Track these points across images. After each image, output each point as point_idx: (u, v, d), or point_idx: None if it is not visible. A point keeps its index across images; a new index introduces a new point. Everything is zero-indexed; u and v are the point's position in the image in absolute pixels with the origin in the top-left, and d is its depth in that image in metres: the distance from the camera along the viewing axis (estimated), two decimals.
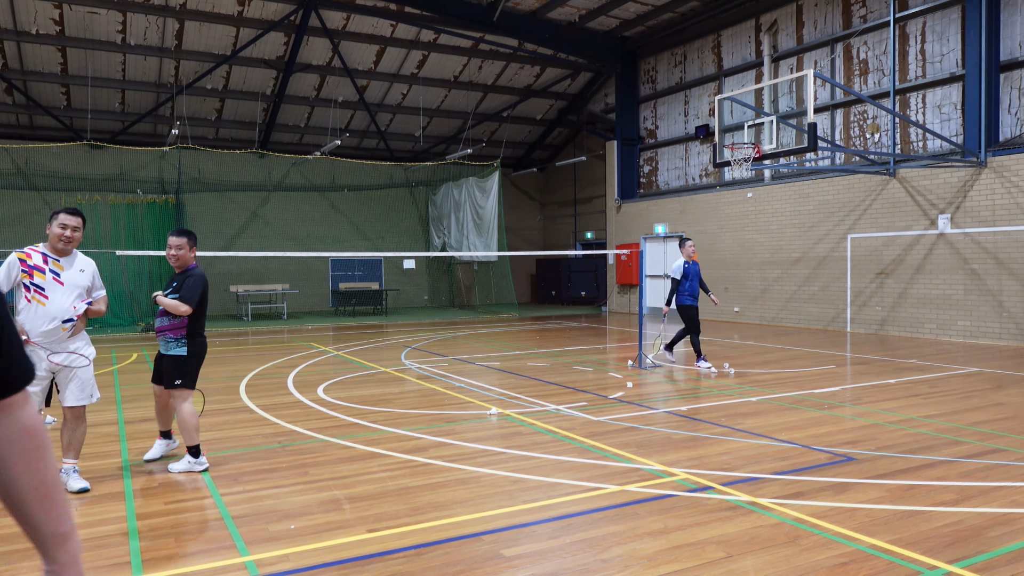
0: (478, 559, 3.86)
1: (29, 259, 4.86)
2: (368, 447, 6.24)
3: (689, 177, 21.06)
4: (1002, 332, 13.42)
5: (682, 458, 5.77)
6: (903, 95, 15.42)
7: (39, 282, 4.84)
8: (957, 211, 14.09)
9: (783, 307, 17.75)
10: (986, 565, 3.68)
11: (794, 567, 3.70)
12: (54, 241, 4.95)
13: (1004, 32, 13.73)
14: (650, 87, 22.28)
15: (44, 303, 4.80)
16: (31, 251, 4.91)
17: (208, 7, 18.07)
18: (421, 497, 4.87)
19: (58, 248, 4.94)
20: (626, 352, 12.73)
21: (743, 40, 19.04)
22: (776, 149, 12.66)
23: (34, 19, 17.44)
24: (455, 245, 24.57)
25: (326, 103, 22.65)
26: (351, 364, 11.59)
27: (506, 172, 27.95)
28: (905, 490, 4.91)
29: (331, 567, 3.77)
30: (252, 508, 4.71)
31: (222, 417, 7.54)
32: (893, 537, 4.06)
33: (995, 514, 4.41)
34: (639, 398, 8.45)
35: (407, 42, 20.74)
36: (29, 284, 4.81)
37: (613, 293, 23.64)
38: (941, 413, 7.41)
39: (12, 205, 19.67)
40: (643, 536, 4.14)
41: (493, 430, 6.90)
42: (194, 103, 21.39)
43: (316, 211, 24.47)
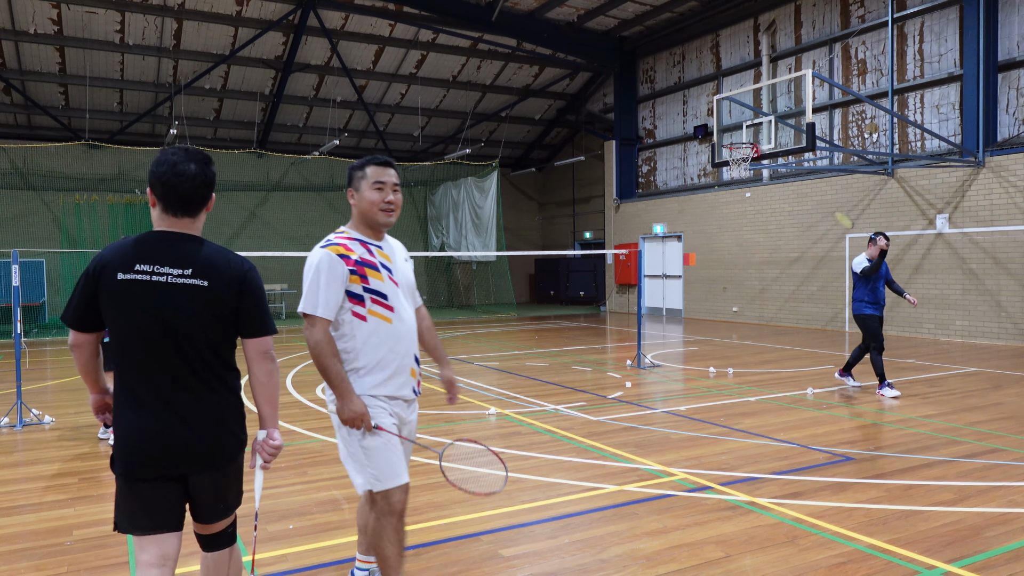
0: (477, 559, 3.86)
1: (351, 252, 3.00)
2: None
3: (688, 177, 21.07)
4: (1000, 332, 13.43)
5: (681, 458, 5.78)
6: (901, 95, 15.43)
7: (377, 285, 3.02)
8: (955, 211, 14.11)
9: (781, 307, 17.76)
10: (984, 565, 3.68)
11: (793, 567, 3.70)
12: (370, 214, 3.08)
13: (1002, 32, 13.74)
14: (648, 87, 22.29)
15: (390, 320, 3.01)
16: (345, 240, 3.05)
17: (206, 7, 18.05)
18: (419, 497, 4.87)
19: (379, 223, 3.11)
20: (625, 352, 12.73)
21: (741, 40, 19.05)
22: (774, 149, 12.67)
23: (32, 19, 17.42)
24: (454, 245, 24.57)
25: (324, 103, 22.63)
26: None
27: (504, 172, 27.94)
28: (903, 490, 4.91)
29: (330, 567, 3.77)
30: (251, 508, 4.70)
31: None
32: (891, 537, 4.06)
33: (993, 514, 4.42)
34: (638, 398, 8.46)
35: (406, 42, 20.73)
36: (362, 292, 2.98)
37: (612, 293, 23.64)
38: (939, 413, 7.42)
39: (10, 205, 19.65)
40: (642, 536, 4.14)
41: (492, 430, 6.90)
42: (192, 103, 21.37)
43: (315, 211, 24.44)
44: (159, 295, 2.45)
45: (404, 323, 3.09)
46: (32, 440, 6.74)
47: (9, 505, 4.85)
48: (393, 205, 3.10)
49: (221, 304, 2.52)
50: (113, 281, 2.45)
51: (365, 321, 3.00)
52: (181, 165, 2.50)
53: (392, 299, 3.04)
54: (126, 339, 2.47)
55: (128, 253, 2.48)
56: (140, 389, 2.48)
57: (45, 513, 4.68)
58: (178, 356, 2.49)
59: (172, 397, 2.48)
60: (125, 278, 2.45)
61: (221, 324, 2.55)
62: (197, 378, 2.52)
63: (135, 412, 2.47)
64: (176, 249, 2.50)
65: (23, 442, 6.68)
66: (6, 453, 6.29)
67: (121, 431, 2.49)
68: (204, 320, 2.50)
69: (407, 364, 3.12)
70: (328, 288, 2.93)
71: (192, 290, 2.48)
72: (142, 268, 2.46)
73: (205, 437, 2.52)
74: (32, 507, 4.81)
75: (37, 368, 11.72)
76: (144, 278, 2.45)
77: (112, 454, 2.52)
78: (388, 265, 3.11)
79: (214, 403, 2.55)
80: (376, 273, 3.03)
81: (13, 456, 6.19)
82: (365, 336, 3.00)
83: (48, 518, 4.58)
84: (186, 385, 2.50)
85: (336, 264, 2.95)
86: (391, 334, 3.04)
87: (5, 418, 7.38)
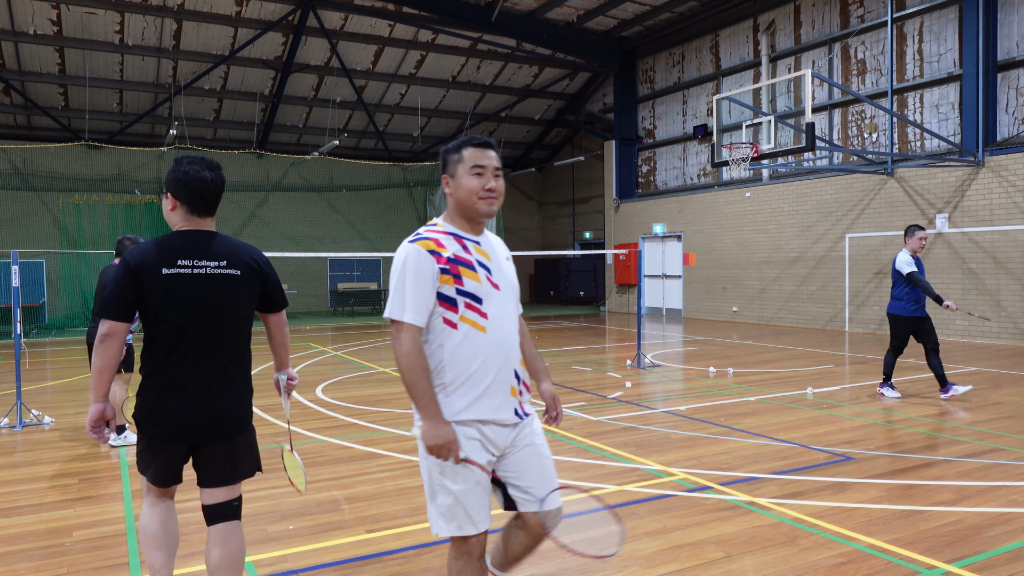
0: None
1: (443, 248, 2.58)
2: (367, 447, 6.24)
3: (687, 177, 21.07)
4: (1000, 331, 13.43)
5: (681, 458, 5.78)
6: (901, 95, 15.43)
7: (473, 287, 2.58)
8: (955, 211, 14.11)
9: (781, 307, 17.75)
10: (984, 565, 3.68)
11: (793, 567, 3.70)
12: (468, 203, 2.62)
13: (1001, 32, 13.75)
14: (648, 87, 22.29)
15: (484, 328, 2.59)
16: (437, 234, 2.62)
17: (206, 7, 18.05)
18: (420, 497, 4.87)
19: (479, 213, 2.63)
20: (625, 352, 12.73)
21: (741, 40, 19.05)
22: (774, 149, 12.67)
23: (31, 19, 17.41)
24: None
25: (324, 103, 22.63)
26: (350, 364, 11.58)
27: (504, 172, 27.96)
28: (903, 490, 4.91)
29: (330, 568, 3.77)
30: (250, 509, 4.70)
31: None
32: (891, 537, 4.06)
33: (993, 513, 4.42)
34: (638, 398, 8.45)
35: (405, 42, 20.73)
36: (455, 295, 2.56)
37: (612, 293, 23.64)
38: (939, 412, 7.42)
39: (10, 206, 19.65)
40: (642, 536, 4.14)
41: None
42: (192, 103, 21.37)
43: (314, 211, 24.45)
44: (201, 284, 2.88)
45: (502, 332, 2.60)
46: (32, 441, 6.74)
47: (9, 506, 4.85)
48: (495, 193, 2.61)
49: (250, 288, 3.01)
50: (158, 276, 2.82)
51: (455, 329, 2.53)
52: (203, 173, 2.95)
53: (489, 304, 2.57)
54: (170, 326, 2.85)
55: (167, 250, 2.87)
56: (181, 369, 2.87)
57: (45, 514, 4.68)
58: (216, 337, 2.92)
59: (207, 375, 2.90)
60: (170, 272, 2.84)
61: (249, 305, 3.04)
62: (228, 356, 2.96)
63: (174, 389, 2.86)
64: (207, 245, 2.94)
65: (23, 443, 6.68)
66: (6, 454, 6.28)
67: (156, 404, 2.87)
68: (238, 302, 2.98)
69: (505, 381, 2.59)
70: (417, 289, 2.49)
71: (229, 279, 2.94)
72: (184, 263, 2.87)
73: (229, 409, 2.95)
74: (32, 508, 4.80)
75: (37, 369, 11.72)
76: (187, 271, 2.87)
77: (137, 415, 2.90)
78: (487, 264, 2.62)
79: (236, 379, 2.98)
80: (472, 273, 2.56)
81: (13, 457, 6.19)
82: (454, 346, 2.53)
83: (48, 519, 4.58)
84: (219, 363, 2.93)
85: (425, 261, 2.51)
86: (486, 345, 2.55)
87: (5, 419, 7.37)
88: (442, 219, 2.69)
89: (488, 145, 2.64)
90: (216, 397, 2.90)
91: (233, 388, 2.96)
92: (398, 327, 2.50)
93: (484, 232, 2.73)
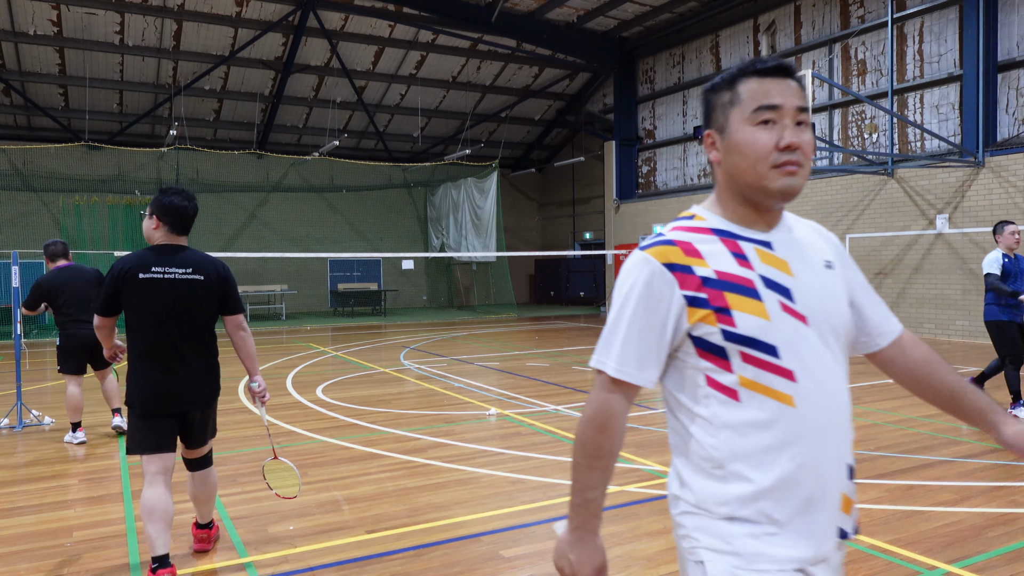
0: (477, 560, 3.86)
1: (697, 260, 1.51)
2: (367, 448, 6.24)
3: (687, 177, 21.07)
4: None
5: None
6: (901, 95, 15.44)
7: (754, 327, 1.46)
8: (955, 211, 14.11)
9: None
10: (985, 565, 3.68)
11: None
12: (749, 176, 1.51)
13: (1002, 32, 13.75)
14: (648, 87, 22.29)
15: (790, 398, 1.46)
16: (691, 234, 1.55)
17: (206, 8, 18.06)
18: (420, 498, 4.87)
19: (771, 191, 1.51)
20: None
21: (741, 40, 19.05)
22: None
23: (32, 20, 17.42)
24: (454, 246, 24.57)
25: (324, 104, 22.64)
26: (350, 365, 11.58)
27: (504, 172, 27.94)
28: (904, 490, 4.91)
29: (330, 568, 3.77)
30: (251, 509, 4.70)
31: (221, 418, 7.51)
32: (892, 537, 4.06)
33: (994, 514, 4.41)
34: (638, 398, 8.44)
35: (405, 42, 20.74)
36: (722, 341, 1.47)
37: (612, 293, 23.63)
38: (940, 413, 7.42)
39: (10, 206, 19.67)
40: (642, 536, 4.14)
41: (492, 431, 6.90)
42: (192, 104, 21.37)
43: (314, 212, 24.46)
44: (171, 287, 3.62)
45: (825, 403, 1.54)
46: (32, 441, 6.74)
47: (9, 506, 4.85)
48: (799, 155, 1.48)
49: (211, 291, 3.70)
50: (136, 280, 3.59)
51: (736, 401, 1.47)
52: (184, 203, 3.72)
53: (792, 353, 1.48)
54: (148, 320, 3.59)
55: (145, 260, 3.63)
56: (159, 354, 3.60)
57: (45, 514, 4.68)
58: (185, 328, 3.65)
59: (181, 358, 3.64)
60: (146, 276, 3.59)
61: (211, 305, 3.73)
62: (197, 343, 3.71)
63: (154, 371, 3.59)
64: (178, 255, 3.68)
65: (23, 443, 6.68)
66: (6, 454, 6.28)
67: (142, 384, 3.58)
68: (203, 301, 3.69)
69: (833, 488, 1.50)
70: (636, 328, 1.52)
71: (193, 283, 3.66)
72: (157, 270, 3.61)
73: (201, 386, 3.72)
74: (32, 508, 4.81)
75: (37, 369, 11.72)
76: (159, 276, 3.61)
77: (128, 399, 3.62)
78: (783, 281, 1.51)
79: (206, 362, 3.76)
80: (750, 302, 1.47)
81: (13, 457, 6.19)
82: (737, 431, 1.47)
83: (48, 519, 4.58)
84: (191, 349, 3.67)
85: (660, 283, 1.50)
86: (797, 428, 1.47)
87: (5, 419, 7.37)
88: (705, 204, 1.62)
89: (783, 71, 1.50)
90: (191, 376, 3.66)
91: (204, 369, 3.73)
92: (600, 380, 1.58)
93: (783, 223, 1.63)
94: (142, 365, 3.60)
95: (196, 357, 3.69)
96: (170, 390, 3.60)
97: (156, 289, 3.58)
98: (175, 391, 3.61)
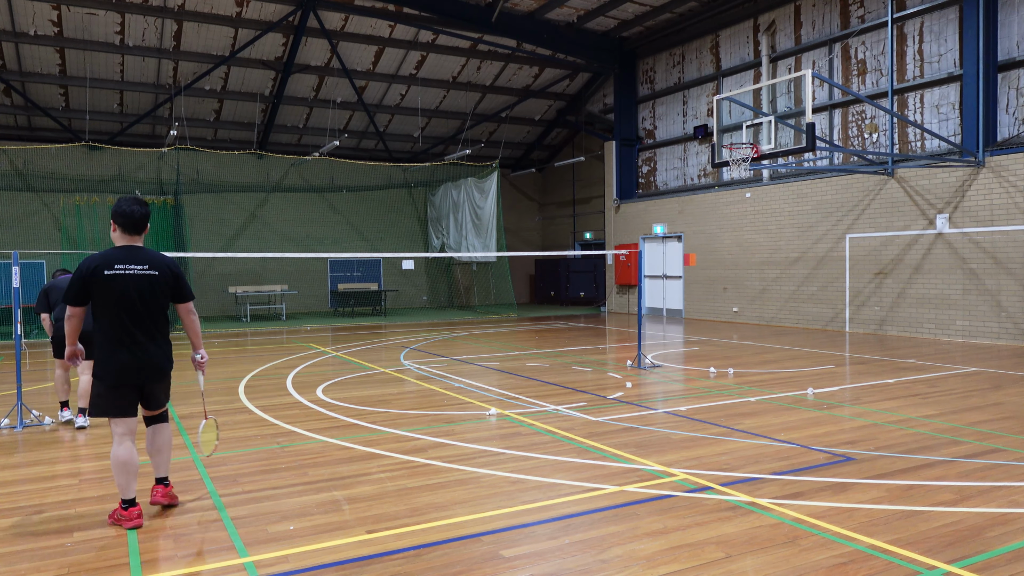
0: (477, 560, 3.86)
1: None
2: (367, 448, 6.24)
3: (688, 177, 21.07)
4: (1000, 332, 13.43)
5: (681, 458, 5.77)
6: (901, 95, 15.44)
7: None
8: (955, 211, 14.10)
9: (782, 307, 17.75)
10: (985, 565, 3.68)
11: (793, 567, 3.70)
12: None
13: (1002, 32, 13.75)
14: (648, 87, 22.29)
15: None
16: None
17: (206, 8, 18.06)
18: (420, 498, 4.87)
19: None
20: (625, 352, 12.73)
21: (741, 40, 19.05)
22: (774, 149, 12.66)
23: (32, 20, 17.43)
24: (454, 246, 24.57)
25: (325, 104, 22.64)
26: (350, 365, 11.58)
27: (505, 172, 27.95)
28: (904, 490, 4.91)
29: (330, 568, 3.77)
30: (251, 509, 4.70)
31: (221, 418, 7.53)
32: (892, 537, 4.06)
33: (994, 514, 4.41)
34: (638, 398, 8.45)
35: (405, 43, 20.74)
36: None
37: (612, 293, 23.64)
38: (940, 413, 7.42)
39: (10, 206, 19.66)
40: (642, 536, 4.14)
41: (492, 431, 6.90)
42: (192, 104, 21.38)
43: (315, 212, 24.46)
44: (131, 281, 4.40)
45: None
46: (32, 441, 6.74)
47: (10, 506, 4.85)
48: None
49: (165, 284, 4.51)
50: (102, 276, 4.33)
51: None
52: (134, 208, 4.48)
53: None
54: (113, 309, 4.36)
55: (109, 259, 4.39)
56: (124, 336, 4.39)
57: (45, 514, 4.68)
58: (145, 315, 4.45)
59: (140, 339, 4.44)
60: (110, 273, 4.35)
61: (164, 295, 4.55)
62: (154, 327, 4.51)
63: (122, 349, 4.39)
64: (136, 254, 4.47)
65: (23, 443, 6.68)
66: (6, 454, 6.29)
67: (111, 360, 4.38)
68: (158, 292, 4.51)
69: None
70: None
71: (150, 277, 4.46)
72: (119, 267, 4.38)
73: (157, 361, 4.53)
74: (32, 508, 4.81)
75: (37, 369, 11.72)
76: (121, 272, 4.38)
77: (97, 372, 4.40)
78: None
79: (162, 343, 4.57)
80: None
81: (13, 457, 6.19)
82: None
83: (48, 519, 4.58)
84: (150, 331, 4.48)
85: None
86: None
87: (5, 419, 7.38)
88: None
89: None
90: (149, 353, 4.45)
91: (159, 347, 4.53)
92: None
93: None
94: (109, 345, 4.39)
95: (152, 338, 4.49)
96: (132, 365, 4.41)
97: (119, 283, 4.35)
98: (136, 366, 4.42)
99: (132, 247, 4.46)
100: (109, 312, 4.35)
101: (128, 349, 4.37)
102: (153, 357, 4.46)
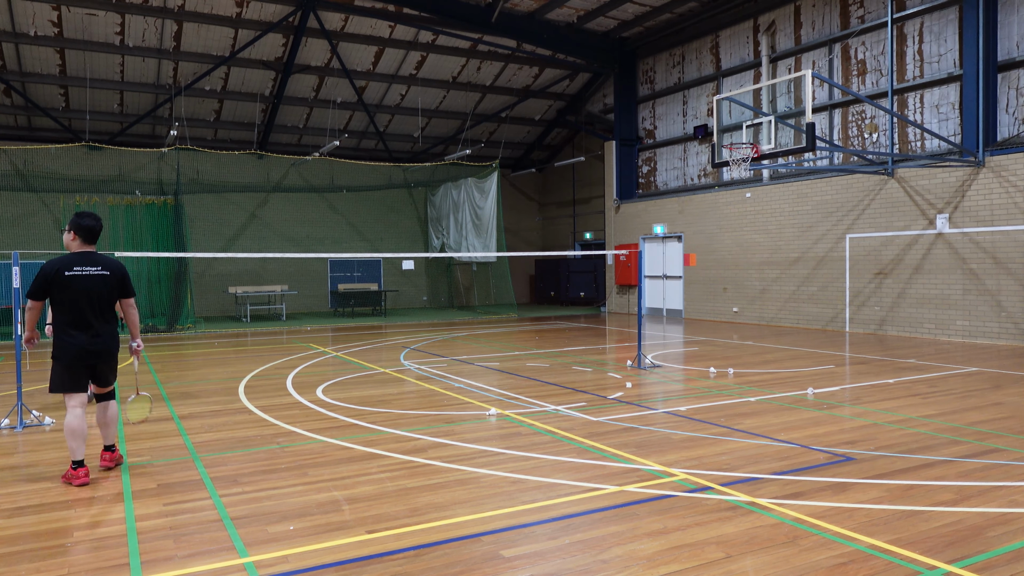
0: (477, 560, 3.86)
1: None
2: (367, 448, 6.24)
3: (688, 177, 21.07)
4: (1000, 332, 13.43)
5: (681, 458, 5.77)
6: (901, 95, 15.43)
7: None
8: (955, 211, 14.10)
9: (782, 307, 17.75)
10: (985, 565, 3.68)
11: (793, 567, 3.70)
12: None
13: (1001, 32, 13.74)
14: (648, 87, 22.29)
15: None
16: None
17: (206, 8, 18.06)
18: (420, 498, 4.87)
19: None
20: (625, 352, 12.73)
21: (741, 41, 19.05)
22: (774, 149, 12.66)
23: (32, 20, 17.43)
24: (454, 246, 24.57)
25: (325, 104, 22.64)
26: (350, 365, 11.58)
27: (505, 173, 27.95)
28: (904, 490, 4.91)
29: (330, 568, 3.77)
30: (251, 509, 4.71)
31: (221, 418, 7.53)
32: (892, 537, 4.06)
33: (994, 514, 4.42)
34: (638, 398, 8.45)
35: (405, 43, 20.74)
36: None
37: (612, 293, 23.64)
38: (940, 413, 7.42)
39: (10, 207, 19.67)
40: (642, 537, 4.14)
41: (492, 431, 6.90)
42: (193, 104, 21.38)
43: (315, 212, 24.46)
44: (88, 280, 5.34)
45: None
46: (32, 441, 6.74)
47: (10, 506, 4.85)
48: None
49: (114, 283, 5.45)
50: (63, 276, 5.26)
51: None
52: (91, 223, 5.44)
53: None
54: (71, 303, 5.26)
55: (68, 262, 5.31)
56: (79, 324, 5.30)
57: (45, 514, 4.68)
58: (97, 308, 5.38)
59: (95, 327, 5.36)
60: (70, 274, 5.28)
61: (114, 292, 5.49)
62: (104, 318, 5.44)
63: (78, 334, 5.29)
64: (91, 258, 5.42)
65: (23, 443, 6.68)
66: (6, 454, 6.29)
67: (67, 344, 5.26)
68: (109, 289, 5.46)
69: None
70: None
71: (103, 277, 5.40)
72: (77, 268, 5.31)
73: (108, 345, 5.46)
74: (32, 508, 4.81)
75: (37, 370, 11.72)
76: (79, 273, 5.31)
77: (56, 354, 5.29)
78: None
79: (110, 329, 5.49)
80: None
81: (13, 458, 6.19)
82: None
83: (48, 519, 4.58)
84: (101, 321, 5.40)
85: None
86: None
87: (6, 419, 7.38)
88: None
89: None
90: (99, 338, 5.36)
91: (109, 333, 5.45)
92: None
93: None
94: (67, 331, 5.28)
95: (103, 325, 5.40)
96: (85, 347, 5.30)
97: (78, 281, 5.28)
98: (89, 348, 5.31)
99: (87, 252, 5.41)
100: (69, 304, 5.25)
101: (84, 332, 5.29)
102: (105, 340, 5.39)
